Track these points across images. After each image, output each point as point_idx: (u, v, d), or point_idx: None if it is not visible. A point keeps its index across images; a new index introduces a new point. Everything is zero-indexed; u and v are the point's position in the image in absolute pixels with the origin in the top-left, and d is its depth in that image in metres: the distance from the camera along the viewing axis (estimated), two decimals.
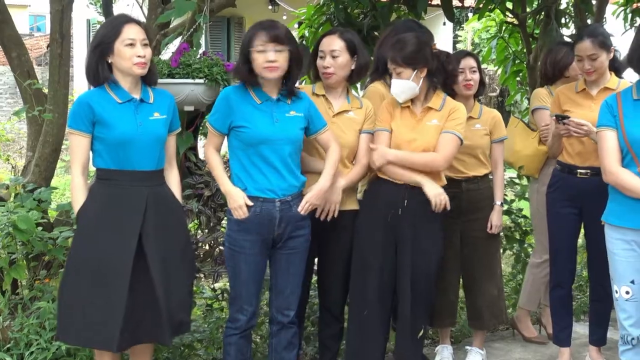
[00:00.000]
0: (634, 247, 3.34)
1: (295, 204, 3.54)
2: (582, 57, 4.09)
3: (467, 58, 4.36)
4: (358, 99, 3.94)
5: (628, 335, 3.41)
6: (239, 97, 3.54)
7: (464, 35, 14.78)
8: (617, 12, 7.72)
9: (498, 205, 4.34)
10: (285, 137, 3.49)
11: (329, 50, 3.77)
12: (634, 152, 3.28)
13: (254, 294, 3.60)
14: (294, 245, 3.59)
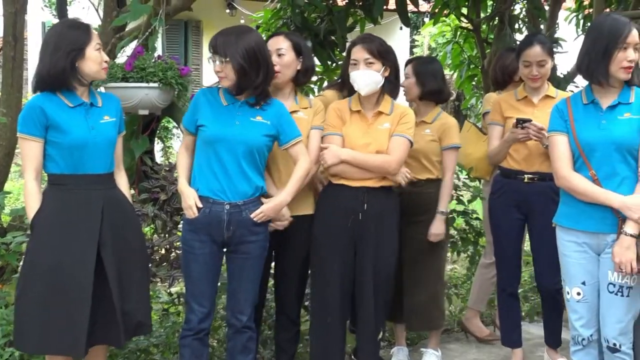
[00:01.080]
0: (586, 249, 3.39)
1: (248, 209, 3.52)
2: (531, 62, 4.14)
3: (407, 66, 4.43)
4: (306, 99, 3.94)
5: (579, 336, 3.45)
6: (207, 98, 3.58)
7: (420, 40, 14.92)
8: (570, 18, 7.87)
9: (439, 214, 4.32)
10: (242, 139, 3.48)
11: (275, 49, 3.76)
12: (585, 156, 3.33)
13: (205, 295, 3.58)
14: (247, 251, 3.57)
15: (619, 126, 3.30)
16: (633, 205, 3.21)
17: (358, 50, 3.76)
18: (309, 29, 5.61)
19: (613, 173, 3.30)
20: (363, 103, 3.84)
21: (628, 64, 3.25)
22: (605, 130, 3.30)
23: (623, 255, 3.20)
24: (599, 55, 3.26)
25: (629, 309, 3.34)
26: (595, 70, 3.29)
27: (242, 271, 3.59)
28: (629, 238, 3.21)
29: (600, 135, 3.30)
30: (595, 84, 3.35)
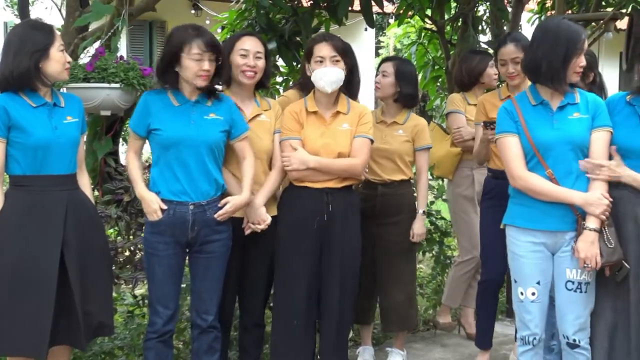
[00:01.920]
0: (542, 249, 3.42)
1: (211, 208, 3.53)
2: (506, 60, 4.18)
3: (385, 62, 4.48)
4: (265, 101, 3.93)
5: (531, 336, 3.48)
6: (157, 100, 3.54)
7: (386, 41, 14.94)
8: (532, 19, 7.97)
9: (420, 214, 4.38)
10: (201, 139, 3.49)
11: (254, 51, 3.74)
12: (540, 155, 3.37)
13: (170, 297, 3.57)
14: (211, 250, 3.58)
15: (571, 126, 3.37)
16: (594, 201, 3.27)
17: (324, 47, 3.76)
18: (274, 29, 5.60)
19: (569, 171, 3.36)
20: (320, 103, 3.84)
21: (580, 69, 3.38)
22: (559, 130, 3.36)
23: (588, 250, 3.26)
24: (559, 61, 3.33)
25: (586, 305, 3.41)
26: (555, 76, 3.35)
27: (207, 270, 3.59)
28: (592, 233, 3.27)
29: (556, 135, 3.36)
30: (550, 88, 3.40)
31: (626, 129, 3.40)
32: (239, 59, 3.73)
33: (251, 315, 3.96)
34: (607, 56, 13.78)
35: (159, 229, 3.49)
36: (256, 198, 3.72)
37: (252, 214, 3.71)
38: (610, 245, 3.27)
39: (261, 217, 3.72)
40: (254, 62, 3.72)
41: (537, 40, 3.42)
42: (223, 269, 3.65)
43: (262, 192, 3.75)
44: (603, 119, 3.38)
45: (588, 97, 3.44)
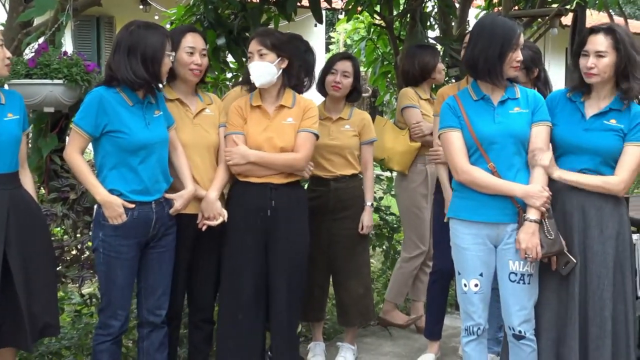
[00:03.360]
0: (485, 241, 3.48)
1: (167, 204, 3.54)
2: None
3: (343, 61, 4.43)
4: (207, 95, 3.93)
5: (475, 326, 3.53)
6: (112, 99, 3.42)
7: (336, 37, 14.98)
8: (480, 15, 8.04)
9: (368, 206, 4.42)
10: (159, 139, 3.48)
11: (200, 48, 3.73)
12: (483, 149, 3.42)
13: (128, 299, 3.54)
14: (165, 244, 3.57)
15: (512, 120, 3.43)
16: (535, 193, 3.33)
17: (252, 43, 3.79)
18: (222, 25, 5.59)
19: (510, 164, 3.41)
20: (263, 97, 3.84)
21: (517, 64, 3.42)
22: (501, 124, 3.42)
23: (529, 241, 3.31)
24: (495, 56, 3.39)
25: (530, 296, 3.46)
26: (492, 71, 3.41)
27: (161, 265, 3.58)
28: (533, 224, 3.32)
29: (498, 129, 3.41)
30: (489, 83, 3.46)
31: (568, 125, 3.47)
32: (186, 57, 3.69)
33: (201, 312, 3.94)
34: (553, 52, 13.99)
35: (123, 231, 3.42)
36: (209, 193, 3.71)
37: (208, 209, 3.70)
38: (550, 236, 3.33)
39: (217, 210, 3.71)
40: (200, 60, 3.71)
41: (474, 37, 3.48)
42: (172, 264, 3.64)
43: (214, 186, 3.74)
44: (542, 114, 3.45)
45: (528, 93, 3.51)
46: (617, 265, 3.46)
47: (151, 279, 3.58)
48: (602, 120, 3.45)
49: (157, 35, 3.44)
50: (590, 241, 3.45)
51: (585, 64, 3.41)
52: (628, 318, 3.49)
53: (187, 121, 3.73)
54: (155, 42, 3.42)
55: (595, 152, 3.43)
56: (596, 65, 3.38)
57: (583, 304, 3.45)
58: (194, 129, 3.72)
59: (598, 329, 3.42)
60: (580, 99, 3.52)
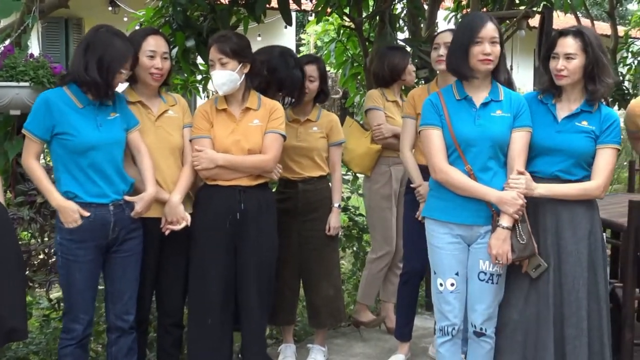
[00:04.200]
0: (460, 241, 3.50)
1: (128, 206, 3.49)
2: (440, 44, 4.22)
3: (308, 65, 4.42)
4: (171, 96, 3.89)
5: (450, 326, 3.55)
6: (60, 101, 3.40)
7: (307, 39, 14.97)
8: (449, 17, 8.10)
9: (336, 207, 4.42)
10: (111, 141, 3.43)
11: (161, 52, 3.69)
12: (461, 150, 3.44)
13: (90, 302, 3.51)
14: (129, 248, 3.54)
15: (493, 123, 3.44)
16: (509, 200, 3.34)
17: (212, 51, 3.75)
18: (191, 27, 5.55)
19: (486, 168, 3.43)
20: (229, 100, 3.82)
21: (484, 57, 3.39)
22: (481, 127, 3.43)
23: (500, 247, 3.34)
24: (460, 50, 3.42)
25: (496, 296, 3.51)
26: (460, 67, 3.45)
27: (125, 269, 3.55)
28: (505, 231, 3.35)
29: (478, 132, 3.43)
30: (463, 80, 3.48)
31: (541, 127, 3.50)
32: (147, 61, 3.66)
33: (170, 316, 3.92)
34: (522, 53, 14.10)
35: (79, 235, 3.39)
36: (172, 196, 3.68)
37: (171, 213, 3.67)
38: (522, 241, 3.36)
39: (180, 214, 3.68)
40: (161, 64, 3.68)
41: (453, 37, 3.54)
42: (139, 268, 3.61)
43: (178, 190, 3.71)
44: (524, 119, 3.46)
45: (512, 96, 3.51)
46: (590, 265, 3.50)
47: (117, 284, 3.55)
48: (574, 122, 3.49)
49: (122, 46, 3.42)
50: (564, 242, 3.49)
51: (555, 66, 3.45)
52: (602, 316, 3.54)
53: (148, 124, 3.70)
54: (117, 52, 3.39)
55: (568, 154, 3.47)
56: (566, 67, 3.43)
57: (559, 305, 3.49)
58: (156, 132, 3.69)
59: (574, 329, 3.46)
60: (552, 101, 3.55)
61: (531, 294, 3.51)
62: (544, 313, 3.47)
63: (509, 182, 3.38)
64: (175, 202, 3.67)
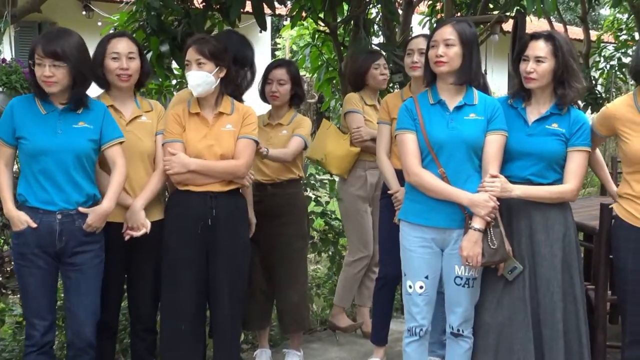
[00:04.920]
0: (432, 245, 3.54)
1: (81, 218, 3.42)
2: (413, 50, 4.23)
3: (277, 69, 4.44)
4: (146, 102, 3.87)
5: (418, 327, 3.60)
6: (24, 107, 3.41)
7: (282, 43, 14.99)
8: (423, 22, 8.15)
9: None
10: (68, 148, 3.37)
11: (126, 52, 3.68)
12: (434, 153, 3.47)
13: (45, 308, 3.45)
14: (82, 262, 3.46)
15: (466, 126, 3.47)
16: (480, 202, 3.37)
17: (190, 51, 3.73)
18: (165, 32, 5.52)
19: (460, 171, 3.46)
20: (202, 104, 3.80)
21: (436, 59, 3.45)
22: (454, 130, 3.46)
23: (471, 249, 3.37)
24: (426, 57, 3.54)
25: (472, 298, 3.55)
26: (426, 71, 3.57)
27: (79, 284, 3.47)
28: (476, 233, 3.37)
29: (450, 135, 3.46)
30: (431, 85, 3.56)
31: (512, 131, 3.53)
32: (111, 63, 3.66)
33: (142, 321, 3.90)
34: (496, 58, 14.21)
35: (24, 238, 3.37)
36: (136, 201, 3.65)
37: (131, 218, 3.64)
38: (493, 246, 3.38)
39: (140, 221, 3.64)
40: (126, 65, 3.66)
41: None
42: (97, 282, 3.53)
43: (143, 196, 3.68)
44: (498, 123, 3.49)
45: (487, 100, 3.55)
46: (565, 267, 3.55)
47: (72, 299, 3.49)
48: (544, 125, 3.54)
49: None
50: (538, 245, 3.53)
51: (525, 69, 3.50)
52: (579, 317, 3.58)
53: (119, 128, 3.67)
54: None
55: (540, 157, 3.51)
56: (535, 70, 3.47)
57: (535, 308, 3.53)
58: (127, 136, 3.65)
59: (551, 331, 3.51)
60: (522, 105, 3.60)
61: (504, 297, 3.55)
62: (518, 317, 3.51)
63: (484, 184, 3.41)
64: (136, 208, 3.64)
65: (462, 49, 3.45)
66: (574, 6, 17.22)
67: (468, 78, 3.50)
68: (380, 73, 4.93)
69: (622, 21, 13.18)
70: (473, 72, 3.50)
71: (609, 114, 3.65)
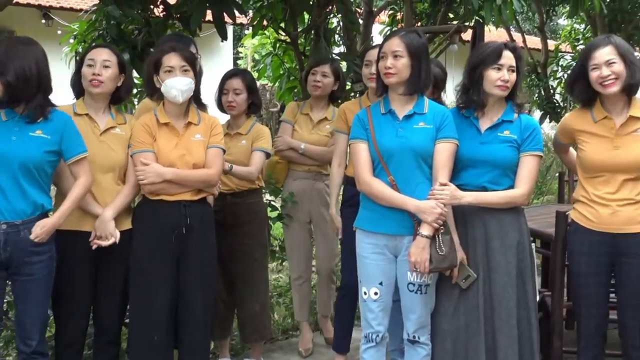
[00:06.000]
0: (385, 251, 3.57)
1: (27, 228, 3.37)
2: (371, 61, 4.25)
3: (232, 79, 4.45)
4: (121, 115, 3.85)
5: (374, 334, 3.63)
6: None
7: (244, 52, 14.99)
8: (384, 31, 8.20)
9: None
10: (17, 155, 3.32)
11: (101, 59, 3.66)
12: (384, 162, 3.51)
13: None
14: (30, 272, 3.40)
15: (414, 134, 3.51)
16: (427, 209, 3.41)
17: (173, 57, 3.70)
18: (126, 41, 5.50)
19: (409, 179, 3.50)
20: (170, 114, 3.79)
21: (384, 70, 3.52)
22: (402, 138, 3.50)
23: (418, 255, 3.41)
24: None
25: (426, 305, 3.58)
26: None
27: (27, 294, 3.42)
28: (424, 239, 3.41)
29: (398, 143, 3.50)
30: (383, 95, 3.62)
31: (466, 140, 3.58)
32: (86, 69, 3.67)
33: (107, 333, 3.84)
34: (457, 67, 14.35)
35: None
36: (105, 212, 3.63)
37: (101, 228, 3.62)
38: (441, 252, 3.42)
39: (109, 231, 3.62)
40: (99, 71, 3.64)
41: None
42: (46, 292, 3.48)
43: (113, 206, 3.66)
44: (448, 131, 3.53)
45: (436, 109, 3.59)
46: (519, 274, 3.60)
47: (20, 307, 3.45)
48: (496, 132, 3.60)
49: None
50: (493, 252, 3.58)
51: (500, 77, 3.53)
52: (531, 323, 3.63)
53: (92, 137, 3.66)
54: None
55: (493, 164, 3.56)
56: (510, 79, 3.54)
57: (489, 315, 3.57)
58: (99, 146, 3.65)
59: (506, 338, 3.54)
60: (474, 114, 3.65)
61: (460, 304, 3.59)
62: (473, 324, 3.56)
63: (433, 192, 3.45)
64: (106, 218, 3.62)
65: (410, 60, 3.50)
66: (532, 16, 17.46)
67: (417, 88, 3.54)
68: (313, 80, 4.86)
69: (579, 31, 13.43)
70: (422, 82, 3.54)
71: (566, 124, 3.79)
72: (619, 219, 3.56)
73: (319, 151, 4.75)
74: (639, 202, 3.56)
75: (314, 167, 4.84)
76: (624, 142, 3.56)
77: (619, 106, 3.60)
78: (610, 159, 3.56)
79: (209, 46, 9.82)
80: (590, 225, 3.64)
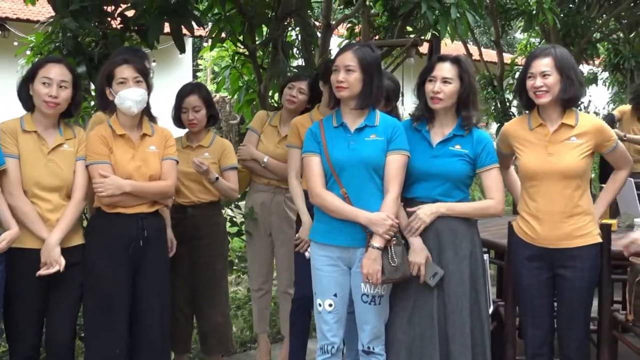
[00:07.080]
0: (338, 263, 3.61)
1: None
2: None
3: (190, 96, 4.44)
4: (70, 128, 3.78)
5: (329, 345, 3.65)
6: None
7: (204, 64, 14.96)
8: (342, 44, 8.25)
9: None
10: None
11: (58, 80, 3.61)
12: (336, 174, 3.56)
13: None
14: None
15: (366, 147, 3.56)
16: (378, 221, 3.45)
17: (125, 69, 3.70)
18: (82, 53, 5.46)
19: (361, 191, 3.54)
20: (124, 126, 3.78)
21: (336, 84, 3.56)
22: (354, 151, 3.55)
23: (370, 266, 3.44)
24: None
25: (380, 316, 3.61)
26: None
27: None
28: (375, 251, 3.45)
29: (350, 155, 3.54)
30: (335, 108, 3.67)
31: (418, 154, 3.64)
32: (40, 88, 3.59)
33: (59, 354, 3.70)
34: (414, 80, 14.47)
35: None
36: (51, 237, 3.54)
37: (45, 254, 3.53)
38: (393, 263, 3.46)
39: (54, 258, 3.53)
40: (56, 92, 3.59)
41: None
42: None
43: (59, 229, 3.58)
44: (398, 143, 3.57)
45: (388, 121, 3.64)
46: (472, 284, 3.65)
47: None
48: (448, 146, 3.65)
49: None
50: (446, 262, 3.62)
51: (432, 89, 3.60)
52: (484, 331, 3.69)
53: (40, 156, 3.62)
54: None
55: (445, 178, 3.62)
56: (442, 90, 3.58)
57: (443, 324, 3.61)
58: (47, 165, 3.61)
59: (460, 346, 3.58)
60: (426, 127, 3.71)
61: (414, 314, 3.63)
62: (427, 333, 3.59)
63: (411, 225, 3.54)
64: (51, 244, 3.54)
65: (362, 75, 3.54)
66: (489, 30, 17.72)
67: (369, 102, 3.59)
68: (289, 94, 4.82)
69: (535, 45, 13.65)
70: (374, 96, 3.58)
71: (504, 131, 3.88)
72: (555, 234, 3.66)
73: (281, 167, 4.66)
74: (575, 216, 3.65)
75: (274, 180, 4.85)
76: (557, 149, 3.65)
77: (554, 115, 3.69)
78: (543, 166, 3.65)
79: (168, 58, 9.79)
80: (528, 239, 3.74)
